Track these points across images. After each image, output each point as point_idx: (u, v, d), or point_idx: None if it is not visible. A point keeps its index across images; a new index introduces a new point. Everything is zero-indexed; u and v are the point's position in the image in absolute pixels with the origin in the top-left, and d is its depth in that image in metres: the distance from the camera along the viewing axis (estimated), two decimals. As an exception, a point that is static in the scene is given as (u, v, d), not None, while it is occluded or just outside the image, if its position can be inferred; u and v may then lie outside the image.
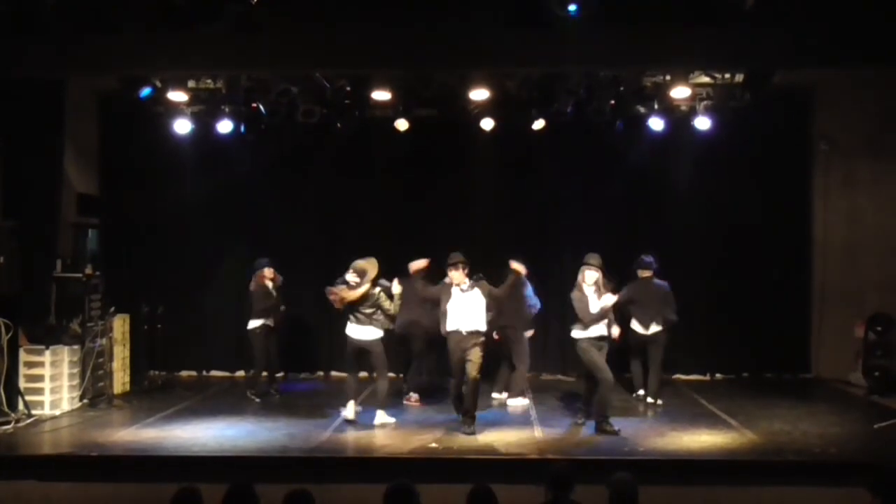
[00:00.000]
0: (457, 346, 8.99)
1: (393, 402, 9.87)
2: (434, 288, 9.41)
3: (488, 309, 9.14)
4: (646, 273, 10.27)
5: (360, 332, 9.33)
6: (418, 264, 9.35)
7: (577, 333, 8.88)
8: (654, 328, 10.19)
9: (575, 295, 8.87)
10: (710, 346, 12.22)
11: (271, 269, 10.74)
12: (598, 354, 8.80)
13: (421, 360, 10.62)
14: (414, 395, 10.47)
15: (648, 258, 10.30)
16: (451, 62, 8.87)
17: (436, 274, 9.57)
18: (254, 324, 10.63)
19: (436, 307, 9.43)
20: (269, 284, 10.70)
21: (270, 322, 10.70)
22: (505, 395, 10.47)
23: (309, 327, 12.21)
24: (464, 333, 8.97)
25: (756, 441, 8.46)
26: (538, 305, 10.53)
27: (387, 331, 9.57)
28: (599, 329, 8.83)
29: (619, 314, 9.58)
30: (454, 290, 9.06)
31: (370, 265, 9.36)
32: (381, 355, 9.39)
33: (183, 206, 12.34)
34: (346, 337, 9.46)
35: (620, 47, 8.28)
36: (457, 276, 9.04)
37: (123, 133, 12.18)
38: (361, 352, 9.42)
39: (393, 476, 5.02)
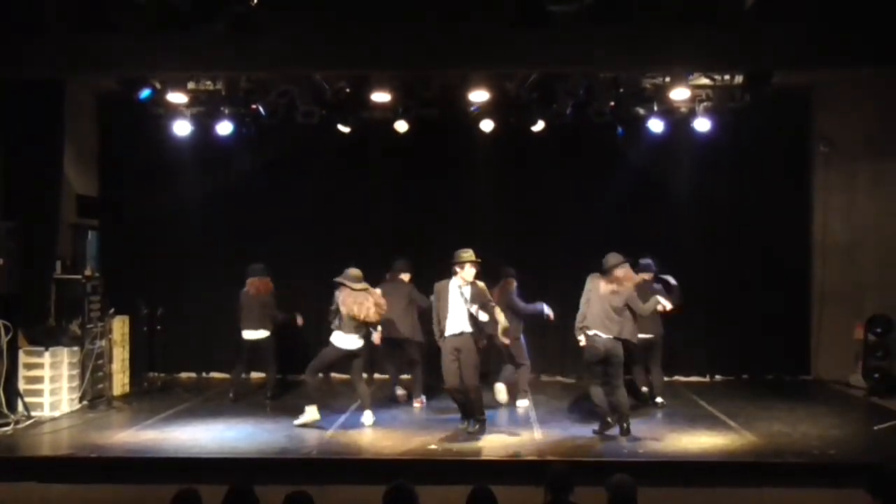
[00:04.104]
0: (450, 351, 8.87)
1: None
2: (432, 297, 9.29)
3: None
4: (647, 276, 10.21)
5: (352, 341, 9.28)
6: None
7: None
8: (653, 334, 10.13)
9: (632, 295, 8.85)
10: (710, 348, 12.23)
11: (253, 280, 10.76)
12: None
13: (419, 363, 10.56)
14: (422, 397, 10.46)
15: (648, 261, 10.25)
16: (450, 63, 8.86)
17: (432, 275, 9.60)
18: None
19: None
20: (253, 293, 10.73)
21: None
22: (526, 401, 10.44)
23: (308, 329, 12.21)
24: (458, 337, 8.83)
25: (755, 442, 8.46)
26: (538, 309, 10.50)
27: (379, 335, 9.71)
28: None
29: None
30: (454, 290, 8.86)
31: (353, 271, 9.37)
32: (363, 360, 9.55)
33: (183, 207, 12.34)
34: (330, 345, 9.36)
35: (620, 48, 8.28)
36: (468, 274, 8.84)
37: (123, 134, 12.18)
38: (346, 358, 9.41)
39: (392, 477, 5.01)
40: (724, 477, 7.60)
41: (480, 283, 8.96)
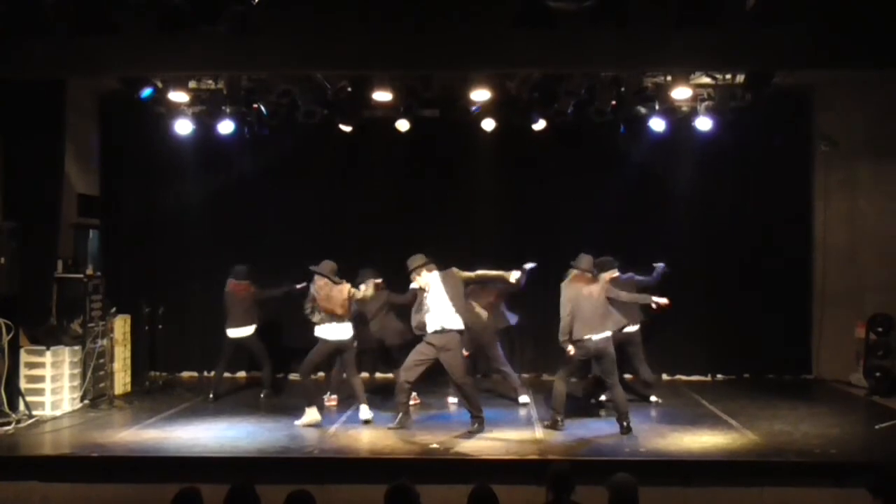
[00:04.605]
0: (423, 347, 8.90)
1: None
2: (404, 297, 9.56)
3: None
4: (614, 273, 10.11)
5: (339, 331, 9.34)
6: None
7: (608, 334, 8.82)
8: (632, 327, 10.05)
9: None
10: (711, 347, 12.22)
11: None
12: None
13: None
14: (412, 393, 10.43)
15: (608, 258, 10.12)
16: (450, 63, 8.86)
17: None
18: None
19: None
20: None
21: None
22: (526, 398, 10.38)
23: (308, 328, 12.20)
24: (437, 333, 8.82)
25: (757, 442, 8.47)
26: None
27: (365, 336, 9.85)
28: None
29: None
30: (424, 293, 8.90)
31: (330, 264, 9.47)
32: (354, 352, 9.52)
33: (183, 206, 12.36)
34: (318, 340, 9.44)
35: (620, 48, 8.28)
36: (421, 279, 8.89)
37: (124, 133, 12.19)
38: (336, 352, 9.48)
39: (393, 476, 5.02)
40: (725, 476, 7.61)
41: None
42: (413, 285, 9.09)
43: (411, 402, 10.19)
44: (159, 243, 12.39)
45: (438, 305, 8.79)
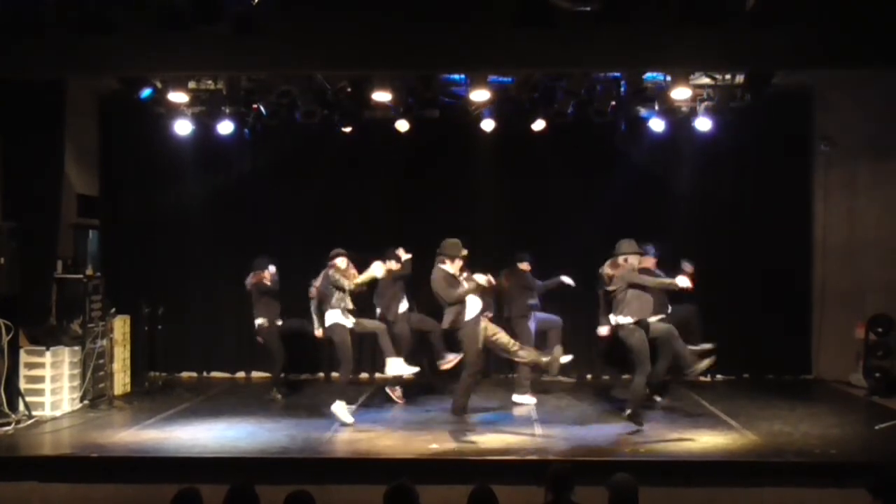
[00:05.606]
0: (476, 335, 8.95)
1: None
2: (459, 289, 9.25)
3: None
4: (649, 262, 10.10)
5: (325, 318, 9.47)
6: None
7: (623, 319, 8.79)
8: (654, 317, 10.02)
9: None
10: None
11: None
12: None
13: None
14: (398, 391, 10.43)
15: (648, 247, 10.14)
16: (450, 63, 8.87)
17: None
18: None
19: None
20: (268, 283, 10.78)
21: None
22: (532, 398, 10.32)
23: (309, 328, 12.22)
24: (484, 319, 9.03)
25: (757, 442, 8.46)
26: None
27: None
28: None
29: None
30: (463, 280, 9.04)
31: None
32: (341, 344, 9.38)
33: (183, 206, 12.36)
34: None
35: (620, 48, 8.27)
36: (457, 267, 9.09)
37: (123, 133, 12.19)
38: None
39: (393, 477, 5.02)
40: (725, 476, 7.61)
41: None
42: (447, 268, 9.12)
43: (398, 402, 10.26)
44: (159, 243, 12.39)
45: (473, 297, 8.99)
